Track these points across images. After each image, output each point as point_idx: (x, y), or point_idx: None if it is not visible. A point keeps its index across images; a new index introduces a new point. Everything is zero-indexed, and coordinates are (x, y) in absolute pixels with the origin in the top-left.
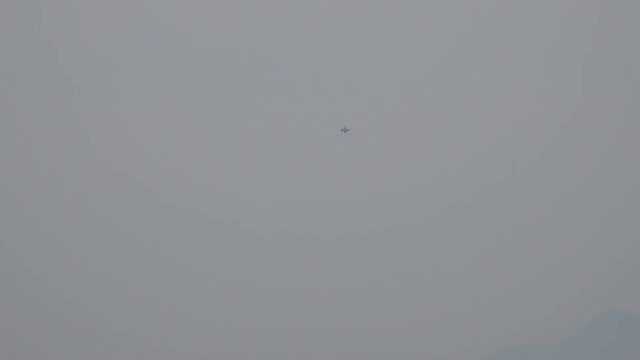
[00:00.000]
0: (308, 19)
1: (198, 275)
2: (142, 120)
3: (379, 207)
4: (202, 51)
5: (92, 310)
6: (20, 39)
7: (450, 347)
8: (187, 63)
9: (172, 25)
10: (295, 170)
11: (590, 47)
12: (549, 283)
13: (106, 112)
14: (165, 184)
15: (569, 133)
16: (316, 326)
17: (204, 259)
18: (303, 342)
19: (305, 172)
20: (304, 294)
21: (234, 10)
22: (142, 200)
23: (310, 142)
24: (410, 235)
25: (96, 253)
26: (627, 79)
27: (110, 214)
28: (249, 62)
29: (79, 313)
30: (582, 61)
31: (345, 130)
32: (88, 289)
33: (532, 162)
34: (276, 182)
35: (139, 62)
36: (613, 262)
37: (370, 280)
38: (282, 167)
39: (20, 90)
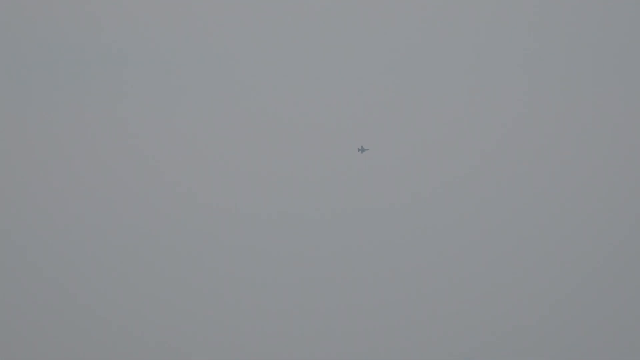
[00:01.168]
0: (313, 19)
1: (199, 284)
2: (146, 119)
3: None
4: (203, 52)
5: (91, 310)
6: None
7: None
8: (190, 64)
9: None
10: (299, 174)
11: (589, 46)
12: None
13: (107, 110)
14: (167, 189)
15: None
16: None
17: (204, 266)
18: (315, 344)
19: (311, 177)
20: (313, 306)
21: (241, 9)
22: (143, 201)
23: (319, 142)
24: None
25: (95, 253)
26: (628, 80)
27: (110, 214)
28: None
29: (80, 312)
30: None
31: (362, 150)
32: (90, 287)
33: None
34: (277, 185)
35: (140, 61)
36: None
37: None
38: (286, 170)
39: (19, 90)
